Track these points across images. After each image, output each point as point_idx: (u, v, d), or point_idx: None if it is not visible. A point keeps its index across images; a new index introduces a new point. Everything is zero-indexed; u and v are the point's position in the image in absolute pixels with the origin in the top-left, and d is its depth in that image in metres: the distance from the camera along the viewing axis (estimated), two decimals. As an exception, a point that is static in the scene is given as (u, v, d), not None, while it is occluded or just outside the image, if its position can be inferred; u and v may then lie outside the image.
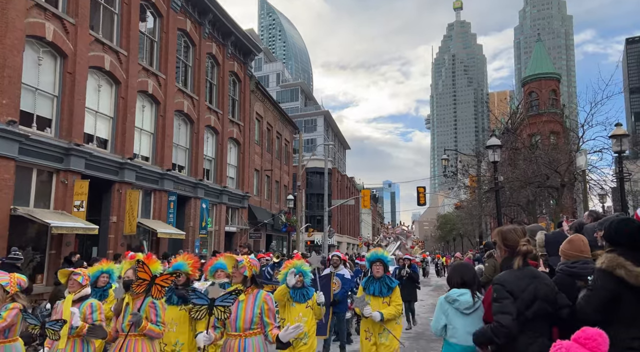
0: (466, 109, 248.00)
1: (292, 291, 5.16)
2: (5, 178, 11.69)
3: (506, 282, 2.88)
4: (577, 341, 1.48)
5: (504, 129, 26.14)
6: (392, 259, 11.27)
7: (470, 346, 3.34)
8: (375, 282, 5.37)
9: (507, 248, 3.04)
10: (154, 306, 3.98)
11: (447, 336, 3.54)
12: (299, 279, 5.16)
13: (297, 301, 5.16)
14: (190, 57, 21.75)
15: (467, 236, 51.28)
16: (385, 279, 5.37)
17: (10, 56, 11.95)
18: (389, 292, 5.27)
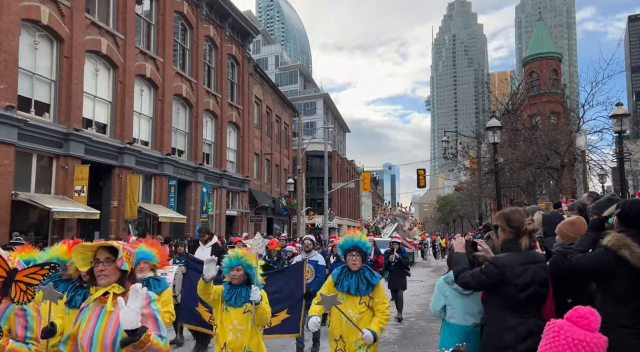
0: (466, 90, 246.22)
1: (225, 291, 3.87)
2: (5, 164, 11.70)
3: (502, 266, 2.86)
4: (570, 320, 1.51)
5: (504, 110, 26.02)
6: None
7: (469, 325, 3.39)
8: (350, 276, 3.94)
9: (512, 229, 3.03)
10: (23, 315, 2.59)
11: (446, 317, 3.58)
12: (238, 274, 3.83)
13: (231, 305, 3.81)
14: (188, 40, 21.51)
15: (467, 217, 51.55)
16: (365, 272, 3.92)
17: (6, 40, 11.82)
18: (368, 289, 3.88)
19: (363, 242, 3.96)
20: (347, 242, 3.99)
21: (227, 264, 3.87)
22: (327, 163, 32.43)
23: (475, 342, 3.25)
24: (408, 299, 12.27)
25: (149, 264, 3.99)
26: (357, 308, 3.88)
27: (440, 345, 3.44)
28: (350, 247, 3.97)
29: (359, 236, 3.99)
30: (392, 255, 9.80)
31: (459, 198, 44.84)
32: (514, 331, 2.76)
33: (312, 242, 7.32)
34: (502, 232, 3.09)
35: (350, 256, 3.94)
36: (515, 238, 3.00)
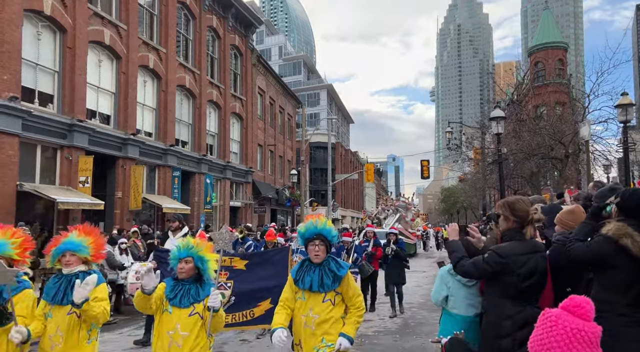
0: (471, 80, 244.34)
1: (169, 287, 3.18)
2: (10, 154, 11.77)
3: (505, 255, 2.85)
4: (566, 309, 1.51)
5: (509, 100, 25.84)
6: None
7: (470, 316, 3.41)
8: (312, 269, 3.31)
9: (516, 218, 3.01)
10: None
11: (448, 307, 3.60)
12: (186, 268, 3.16)
13: (175, 305, 3.11)
14: (191, 30, 21.43)
15: (471, 208, 51.50)
16: (329, 263, 3.31)
17: (9, 31, 11.82)
18: (334, 284, 3.25)
19: (327, 229, 3.37)
20: (308, 230, 3.37)
21: (175, 255, 3.24)
22: (330, 154, 32.41)
23: (475, 331, 3.27)
24: (410, 290, 12.33)
25: (76, 256, 3.16)
26: (320, 307, 3.22)
27: (440, 332, 3.46)
28: (312, 235, 3.34)
29: (323, 223, 3.39)
30: (388, 247, 9.12)
31: (463, 189, 44.77)
32: (512, 319, 2.77)
33: None
34: (505, 221, 3.06)
35: (312, 245, 3.31)
36: (519, 227, 2.98)
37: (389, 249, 9.12)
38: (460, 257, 3.07)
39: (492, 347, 2.82)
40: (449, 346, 2.94)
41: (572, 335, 1.42)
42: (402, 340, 7.13)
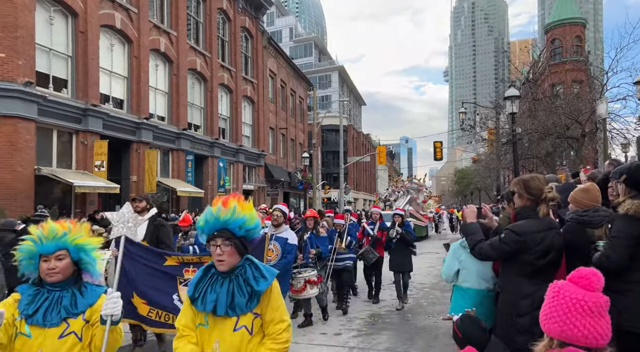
0: (486, 59, 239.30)
1: (25, 299, 2.15)
2: (27, 139, 11.98)
3: (522, 232, 2.84)
4: (571, 280, 1.54)
5: (524, 79, 25.31)
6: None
7: (482, 289, 3.42)
8: (219, 282, 2.16)
9: (530, 196, 2.99)
10: None
11: (459, 281, 3.62)
12: (60, 266, 2.13)
13: (36, 324, 2.09)
14: (201, 13, 21.30)
15: (485, 189, 51.10)
16: (245, 270, 2.16)
17: (22, 16, 11.91)
18: (251, 303, 2.12)
19: (238, 220, 2.08)
20: (207, 223, 2.10)
21: (28, 251, 2.14)
22: (342, 137, 32.29)
23: (487, 307, 3.29)
24: (423, 270, 12.39)
25: None
26: (231, 340, 2.07)
27: (452, 310, 3.49)
28: (213, 230, 2.09)
29: (231, 208, 2.08)
30: (392, 230, 7.94)
31: (477, 170, 44.37)
32: (531, 298, 2.76)
33: (281, 213, 5.69)
34: (520, 198, 3.04)
35: (214, 245, 2.07)
36: (534, 205, 2.97)
37: (393, 232, 7.97)
38: (478, 240, 3.05)
39: (509, 326, 2.83)
40: (460, 323, 2.97)
41: (571, 305, 1.45)
42: (415, 319, 7.20)
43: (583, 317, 1.43)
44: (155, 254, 4.49)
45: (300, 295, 6.43)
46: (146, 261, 4.41)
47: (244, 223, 2.11)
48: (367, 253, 8.21)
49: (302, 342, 5.99)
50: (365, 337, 6.24)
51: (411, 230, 8.45)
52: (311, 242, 6.95)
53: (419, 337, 6.19)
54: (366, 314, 7.51)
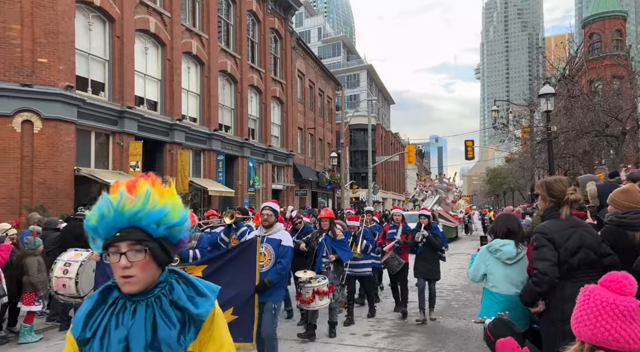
0: (519, 56, 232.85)
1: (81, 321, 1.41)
2: (67, 141, 12.50)
3: (548, 231, 2.87)
4: (602, 284, 1.52)
5: (560, 75, 24.50)
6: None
7: (511, 295, 3.37)
8: (128, 308, 1.37)
9: (552, 198, 2.99)
10: None
11: (489, 286, 3.58)
12: None
13: None
14: (232, 15, 21.65)
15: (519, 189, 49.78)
16: (172, 287, 1.41)
17: (63, 22, 12.42)
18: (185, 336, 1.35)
19: (153, 213, 1.36)
20: (103, 219, 1.36)
21: None
22: (370, 136, 32.14)
23: (517, 312, 3.24)
24: (453, 271, 12.22)
25: None
26: None
27: (481, 314, 3.45)
28: (113, 231, 1.36)
29: (142, 197, 1.36)
30: (418, 233, 7.05)
31: (510, 170, 43.27)
32: (573, 301, 2.73)
33: (272, 212, 4.79)
34: (542, 201, 3.09)
35: (116, 253, 1.35)
36: (556, 207, 2.97)
37: (419, 236, 7.03)
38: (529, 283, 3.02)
39: (556, 332, 2.79)
40: (493, 327, 2.93)
41: (601, 308, 1.44)
42: (445, 321, 7.11)
43: (614, 321, 1.41)
44: None
45: (308, 306, 5.76)
46: None
47: (163, 217, 1.34)
48: (391, 261, 7.53)
49: (332, 342, 6.03)
50: (394, 338, 6.21)
51: (440, 233, 7.48)
52: (327, 246, 6.23)
53: (450, 340, 6.12)
54: (396, 315, 7.47)
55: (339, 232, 6.42)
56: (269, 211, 4.81)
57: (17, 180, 11.68)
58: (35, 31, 12.01)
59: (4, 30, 11.73)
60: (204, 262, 4.26)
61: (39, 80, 12.00)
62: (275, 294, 4.53)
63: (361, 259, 7.07)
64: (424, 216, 7.31)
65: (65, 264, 4.91)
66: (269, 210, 4.82)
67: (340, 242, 6.35)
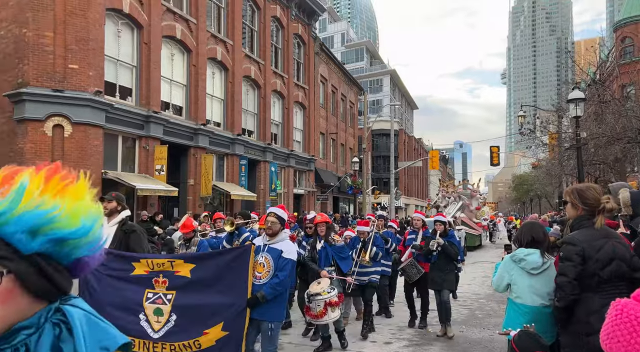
0: (547, 60, 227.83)
1: None
2: (96, 144, 12.84)
3: (578, 241, 2.75)
4: (635, 298, 1.42)
5: (590, 80, 23.82)
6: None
7: (536, 306, 3.26)
8: None
9: (585, 206, 2.86)
10: None
11: (513, 296, 3.48)
12: None
13: None
14: (256, 21, 21.92)
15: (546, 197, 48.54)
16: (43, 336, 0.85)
17: (94, 30, 12.81)
18: None
19: (26, 217, 0.82)
20: None
21: None
22: (393, 141, 31.91)
23: (543, 324, 3.13)
24: (477, 280, 11.95)
25: None
26: None
27: (505, 325, 3.34)
28: None
29: (13, 192, 0.83)
30: (433, 241, 6.54)
31: (537, 176, 42.24)
32: (600, 314, 2.63)
33: (279, 220, 4.25)
34: (574, 209, 2.92)
35: None
36: (589, 216, 2.83)
37: (434, 243, 6.47)
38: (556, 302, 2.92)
39: (580, 345, 2.69)
40: (518, 340, 2.83)
41: (637, 324, 1.34)
42: (469, 331, 6.95)
43: None
44: (121, 260, 3.86)
45: (320, 320, 5.27)
46: (111, 271, 3.80)
47: (45, 223, 0.86)
48: (409, 267, 6.97)
49: (352, 349, 5.96)
50: (416, 347, 6.10)
51: (456, 241, 6.92)
52: (326, 254, 5.76)
53: (473, 351, 5.97)
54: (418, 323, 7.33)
55: (337, 238, 6.01)
56: (273, 217, 4.24)
57: (48, 182, 12.04)
58: (67, 38, 12.41)
59: (38, 38, 12.17)
60: (193, 261, 3.90)
61: (70, 86, 12.39)
62: (272, 313, 3.92)
63: (369, 266, 6.58)
64: (439, 222, 6.83)
65: None
66: (274, 217, 4.25)
67: (339, 250, 5.89)
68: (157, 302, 3.68)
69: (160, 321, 3.64)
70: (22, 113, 11.98)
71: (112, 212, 4.47)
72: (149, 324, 3.67)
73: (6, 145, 12.37)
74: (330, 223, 6.18)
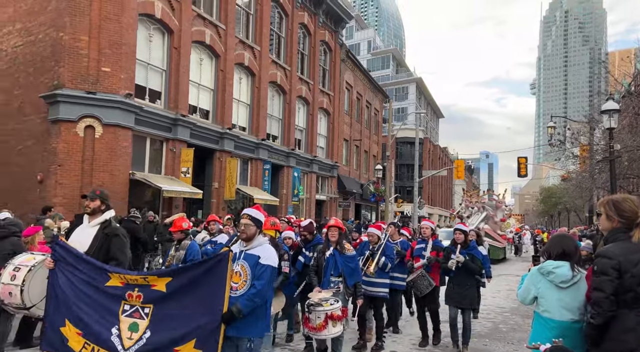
0: (579, 71, 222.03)
1: None
2: (125, 146, 13.16)
3: (613, 255, 2.64)
4: None
5: (625, 91, 23.06)
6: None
7: (565, 321, 3.13)
8: None
9: (622, 219, 2.74)
10: None
11: (540, 310, 3.35)
12: None
13: None
14: (283, 28, 22.15)
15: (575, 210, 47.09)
16: None
17: (126, 34, 13.18)
18: None
19: None
20: None
21: None
22: (418, 150, 31.60)
23: (572, 339, 3.00)
24: (502, 293, 11.64)
25: None
26: None
27: (532, 339, 3.22)
28: None
29: None
30: (452, 261, 5.93)
31: (566, 189, 41.03)
32: (635, 332, 2.51)
33: (254, 222, 3.73)
34: (609, 221, 2.80)
35: None
36: (626, 229, 2.71)
37: (453, 263, 5.90)
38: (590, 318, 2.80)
39: None
40: (552, 355, 2.71)
41: None
42: (492, 345, 6.75)
43: None
44: (96, 269, 3.60)
45: (319, 334, 4.73)
46: (88, 278, 3.58)
47: None
48: (419, 280, 6.39)
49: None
50: (436, 359, 5.96)
51: (479, 254, 6.27)
52: (335, 263, 5.25)
53: (496, 366, 5.78)
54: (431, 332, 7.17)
55: (348, 247, 5.43)
56: (247, 219, 3.71)
57: (78, 182, 12.40)
58: (101, 42, 12.81)
59: (74, 41, 12.60)
60: (168, 274, 3.54)
61: (102, 88, 12.76)
62: (251, 329, 3.46)
63: (375, 277, 5.99)
64: (459, 230, 6.10)
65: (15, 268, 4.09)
66: (248, 219, 3.72)
67: (348, 259, 5.31)
68: (134, 315, 3.42)
69: (133, 337, 3.37)
70: (57, 114, 12.40)
71: (95, 211, 4.11)
72: (120, 340, 3.40)
73: (40, 145, 12.82)
74: (343, 230, 5.62)
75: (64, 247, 3.78)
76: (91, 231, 3.99)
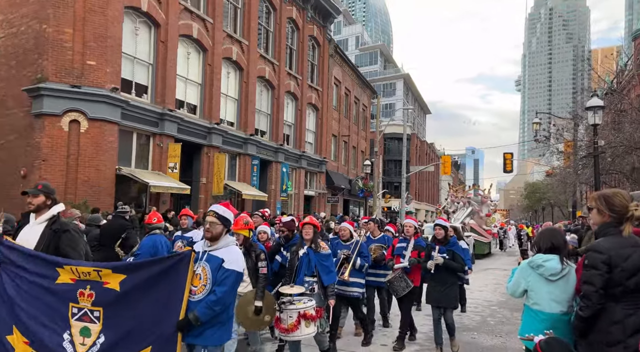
0: (563, 68, 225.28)
1: None
2: (111, 141, 12.96)
3: (604, 249, 2.68)
4: None
5: (607, 89, 23.47)
6: None
7: (555, 313, 3.19)
8: None
9: (613, 213, 2.79)
10: None
11: (530, 303, 3.41)
12: None
13: None
14: (272, 22, 22.00)
15: (559, 205, 47.89)
16: None
17: (112, 27, 12.96)
18: None
19: None
20: None
21: None
22: (405, 145, 31.76)
23: (562, 331, 3.06)
24: (489, 287, 11.80)
25: None
26: None
27: (522, 332, 3.27)
28: None
29: None
30: (431, 261, 5.66)
31: (550, 185, 41.70)
32: (622, 325, 2.57)
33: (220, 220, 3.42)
34: (599, 215, 2.85)
35: None
36: (616, 223, 2.77)
37: (432, 264, 5.64)
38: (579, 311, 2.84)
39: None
40: (546, 346, 2.75)
41: None
42: (481, 338, 6.85)
43: None
44: (45, 263, 3.31)
45: (291, 335, 4.40)
46: (36, 278, 3.29)
47: None
48: (396, 281, 6.09)
49: (361, 352, 5.89)
50: (426, 352, 6.02)
51: (461, 251, 6.06)
52: (309, 261, 4.94)
53: (485, 358, 5.87)
54: (429, 328, 7.25)
55: (323, 245, 5.13)
56: (213, 217, 3.38)
57: (63, 177, 12.19)
58: (85, 35, 12.57)
59: (58, 34, 12.34)
60: (123, 271, 3.22)
61: (87, 82, 12.53)
62: (208, 336, 3.18)
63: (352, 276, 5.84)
64: (439, 226, 5.87)
65: None
66: (214, 216, 3.39)
67: (323, 258, 5.02)
68: (84, 319, 3.16)
69: (86, 343, 3.12)
70: (40, 108, 12.15)
71: (40, 207, 3.80)
72: (73, 345, 3.16)
73: (23, 139, 12.55)
74: (318, 228, 5.30)
75: (9, 246, 3.48)
76: (38, 229, 3.71)
